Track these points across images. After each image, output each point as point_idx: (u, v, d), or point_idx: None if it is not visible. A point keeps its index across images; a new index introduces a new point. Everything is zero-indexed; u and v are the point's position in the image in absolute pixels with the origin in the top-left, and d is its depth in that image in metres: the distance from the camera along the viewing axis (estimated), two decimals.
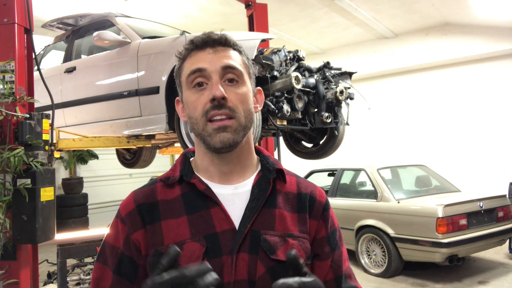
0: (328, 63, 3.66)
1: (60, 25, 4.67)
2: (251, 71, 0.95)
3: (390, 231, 4.99)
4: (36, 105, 3.07)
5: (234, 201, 0.90)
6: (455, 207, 4.71)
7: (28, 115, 2.77)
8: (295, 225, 0.91)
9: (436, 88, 8.28)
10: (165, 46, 3.39)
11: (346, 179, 6.23)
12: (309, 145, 4.16)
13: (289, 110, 3.09)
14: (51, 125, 2.99)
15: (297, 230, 0.91)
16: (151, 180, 0.99)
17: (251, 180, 0.93)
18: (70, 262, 5.41)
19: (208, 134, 0.86)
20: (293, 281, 0.71)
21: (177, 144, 4.34)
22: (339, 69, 3.70)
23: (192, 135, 3.22)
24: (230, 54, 0.89)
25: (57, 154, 4.03)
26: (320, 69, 3.62)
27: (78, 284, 5.09)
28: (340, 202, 5.68)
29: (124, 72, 3.64)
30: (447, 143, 8.02)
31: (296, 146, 4.20)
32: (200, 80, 0.87)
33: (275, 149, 3.62)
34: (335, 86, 3.51)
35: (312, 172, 6.52)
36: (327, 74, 3.56)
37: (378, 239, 5.16)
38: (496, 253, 5.79)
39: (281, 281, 0.70)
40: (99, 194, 9.39)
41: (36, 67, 3.09)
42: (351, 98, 3.65)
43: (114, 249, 0.89)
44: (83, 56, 4.50)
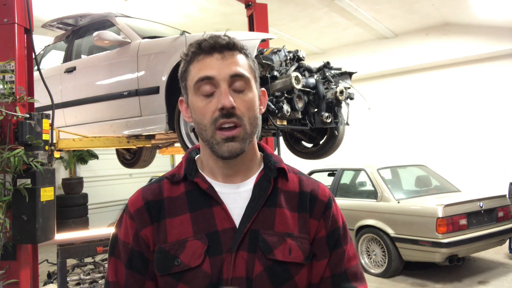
0: (328, 63, 3.65)
1: (60, 25, 4.67)
2: (257, 74, 0.96)
3: (390, 231, 4.99)
4: (36, 105, 3.08)
5: (236, 200, 0.91)
6: (455, 207, 4.71)
7: (28, 115, 2.77)
8: (296, 225, 0.92)
9: (436, 88, 8.28)
10: (165, 46, 3.39)
11: (346, 179, 6.23)
12: (309, 145, 4.16)
13: (289, 110, 3.09)
14: (51, 125, 2.99)
15: (297, 230, 0.91)
16: (153, 178, 1.02)
17: (253, 179, 0.94)
18: (70, 262, 5.41)
19: (217, 143, 0.88)
20: None
21: (177, 144, 4.34)
22: (339, 69, 3.70)
23: (192, 135, 3.23)
24: (238, 60, 0.90)
25: (57, 154, 4.03)
26: (320, 69, 3.61)
27: (78, 284, 5.09)
28: (340, 202, 5.65)
29: (124, 72, 3.64)
30: (447, 143, 8.02)
31: (296, 146, 4.20)
32: (208, 87, 0.88)
33: (275, 149, 3.62)
34: (335, 86, 3.51)
35: (312, 172, 6.52)
36: (327, 74, 3.55)
37: (378, 239, 5.16)
38: (496, 253, 5.79)
39: None
40: (99, 194, 9.39)
41: (36, 67, 3.09)
42: (351, 98, 3.65)
43: (125, 245, 0.93)
44: (83, 56, 4.50)
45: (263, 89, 1.01)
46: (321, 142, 3.98)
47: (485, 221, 4.90)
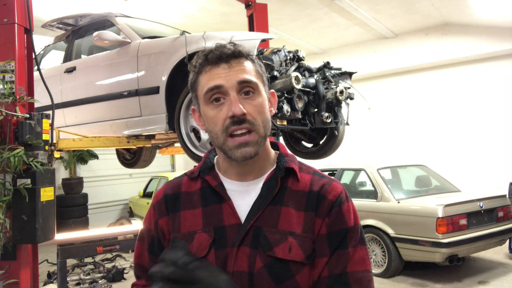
0: (328, 63, 3.65)
1: (60, 25, 4.67)
2: (265, 78, 0.99)
3: (390, 231, 4.99)
4: (36, 105, 3.08)
5: (244, 198, 0.96)
6: (455, 207, 4.71)
7: (28, 115, 2.77)
8: (300, 224, 0.93)
9: (436, 88, 8.28)
10: (165, 46, 3.39)
11: (346, 179, 6.23)
12: (309, 145, 4.16)
13: (289, 110, 3.09)
14: (51, 125, 2.99)
15: (301, 229, 0.92)
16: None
17: (264, 178, 0.98)
18: (70, 262, 5.41)
19: (229, 149, 0.92)
20: None
21: (177, 144, 4.33)
22: (339, 69, 3.69)
23: (192, 135, 3.22)
24: (245, 67, 0.93)
25: (57, 154, 4.03)
26: (320, 69, 3.61)
27: (78, 284, 5.09)
28: None
29: (124, 72, 3.64)
30: (447, 143, 8.01)
31: (296, 146, 4.20)
32: (218, 96, 0.92)
33: None
34: (335, 86, 3.51)
35: None
36: (327, 74, 3.55)
37: (378, 239, 5.16)
38: (496, 253, 5.79)
39: None
40: (99, 194, 9.39)
41: (36, 67, 3.09)
42: (351, 98, 3.65)
43: (148, 231, 1.04)
44: (83, 56, 4.50)
45: (272, 91, 1.04)
46: (321, 142, 3.98)
47: (485, 221, 4.90)
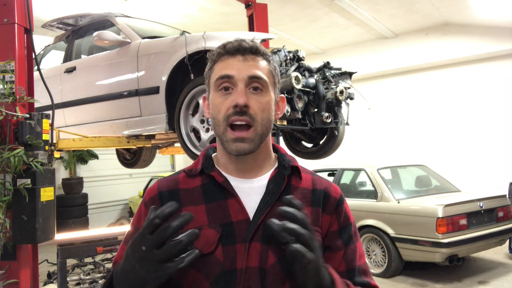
0: (328, 63, 3.65)
1: (60, 25, 4.67)
2: (276, 80, 1.00)
3: (390, 231, 4.99)
4: (36, 105, 3.07)
5: (250, 195, 0.96)
6: (455, 207, 4.71)
7: (28, 115, 2.77)
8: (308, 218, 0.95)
9: (436, 88, 8.28)
10: (165, 46, 3.39)
11: (346, 179, 6.23)
12: (309, 145, 4.16)
13: (289, 110, 3.09)
14: (51, 125, 2.99)
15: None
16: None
17: (267, 176, 0.99)
18: (70, 262, 5.41)
19: (227, 140, 0.93)
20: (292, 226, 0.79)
21: (177, 144, 4.33)
22: (339, 69, 3.70)
23: (192, 135, 3.22)
24: (259, 63, 0.95)
25: (57, 154, 4.03)
26: (320, 69, 3.61)
27: (78, 284, 5.09)
28: None
29: (124, 72, 3.64)
30: (447, 143, 8.02)
31: (296, 146, 4.20)
32: (227, 85, 0.93)
33: None
34: (335, 86, 3.51)
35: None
36: (327, 74, 3.55)
37: (378, 239, 5.16)
38: (496, 253, 5.79)
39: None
40: (99, 194, 9.39)
41: (36, 67, 3.09)
42: (351, 98, 3.65)
43: (136, 230, 0.96)
44: (83, 56, 4.50)
45: (283, 96, 1.06)
46: (321, 142, 3.98)
47: (485, 221, 4.90)
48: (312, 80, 3.37)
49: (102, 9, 4.56)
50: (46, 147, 2.86)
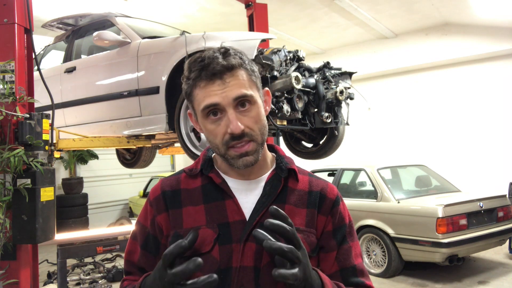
0: (328, 63, 3.65)
1: (60, 25, 4.67)
2: (259, 82, 0.98)
3: (390, 231, 4.99)
4: (36, 105, 3.07)
5: (247, 196, 0.99)
6: (455, 207, 4.71)
7: (28, 115, 2.77)
8: (303, 220, 0.98)
9: (436, 88, 8.28)
10: (165, 46, 3.39)
11: (346, 179, 6.23)
12: (309, 145, 4.16)
13: (289, 110, 3.09)
14: (51, 125, 2.99)
15: (304, 225, 0.98)
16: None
17: (265, 177, 1.01)
18: (70, 262, 5.41)
19: (231, 158, 0.94)
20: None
21: (177, 144, 4.33)
22: (339, 69, 3.70)
23: (192, 135, 3.22)
24: (239, 79, 0.92)
25: (57, 154, 4.03)
26: (320, 69, 3.61)
27: (78, 284, 5.09)
28: None
29: (124, 72, 3.64)
30: (447, 143, 8.01)
31: (296, 146, 4.20)
32: (215, 110, 0.93)
33: None
34: (335, 86, 3.51)
35: (312, 173, 6.52)
36: (327, 74, 3.55)
37: (378, 239, 5.16)
38: (496, 253, 5.79)
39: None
40: (99, 194, 9.39)
41: (36, 67, 3.09)
42: (351, 98, 3.65)
43: (143, 228, 1.04)
44: (83, 56, 4.50)
45: (267, 89, 1.04)
46: (321, 142, 3.98)
47: (485, 221, 4.90)
48: (312, 80, 3.37)
49: (102, 9, 4.56)
50: (46, 147, 2.86)
